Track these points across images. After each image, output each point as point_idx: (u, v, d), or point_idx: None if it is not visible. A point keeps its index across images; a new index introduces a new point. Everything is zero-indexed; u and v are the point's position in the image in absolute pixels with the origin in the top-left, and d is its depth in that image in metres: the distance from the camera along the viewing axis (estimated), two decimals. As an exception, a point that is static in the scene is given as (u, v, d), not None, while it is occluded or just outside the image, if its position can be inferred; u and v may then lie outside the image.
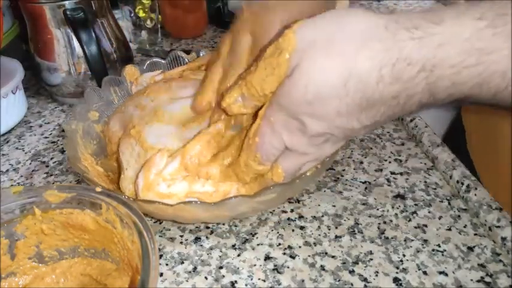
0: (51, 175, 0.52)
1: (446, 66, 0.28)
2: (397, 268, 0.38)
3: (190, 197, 0.39)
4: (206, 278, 0.38)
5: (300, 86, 0.31)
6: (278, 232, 0.42)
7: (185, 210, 0.37)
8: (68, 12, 0.58)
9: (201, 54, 0.59)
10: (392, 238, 0.41)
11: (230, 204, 0.37)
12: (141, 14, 0.81)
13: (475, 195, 0.44)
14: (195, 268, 0.39)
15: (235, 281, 0.38)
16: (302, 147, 0.35)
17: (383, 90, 0.30)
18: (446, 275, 0.38)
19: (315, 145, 0.34)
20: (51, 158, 0.55)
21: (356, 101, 0.30)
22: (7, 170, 0.54)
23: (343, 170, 0.50)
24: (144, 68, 0.58)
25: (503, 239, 0.40)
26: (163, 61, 0.58)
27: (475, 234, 0.41)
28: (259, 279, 0.38)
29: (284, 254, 0.40)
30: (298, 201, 0.46)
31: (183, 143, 0.41)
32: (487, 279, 0.37)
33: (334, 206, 0.45)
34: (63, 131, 0.45)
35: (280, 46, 0.31)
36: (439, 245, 0.40)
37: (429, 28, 0.29)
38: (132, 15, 0.82)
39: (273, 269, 0.39)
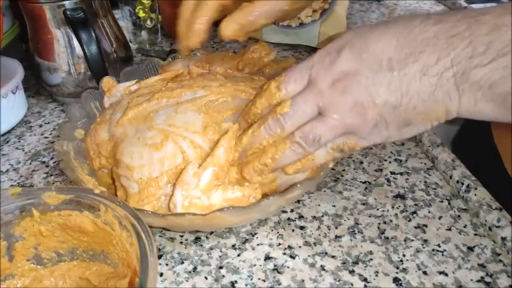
0: (51, 175, 0.52)
1: None
2: (397, 268, 0.38)
3: (225, 204, 0.38)
4: (206, 278, 0.38)
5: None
6: (278, 232, 0.42)
7: (217, 218, 0.36)
8: (68, 12, 0.58)
9: (197, 55, 0.59)
10: (392, 238, 0.41)
11: (262, 205, 0.37)
12: (141, 14, 0.81)
13: (475, 195, 0.44)
14: (195, 268, 0.39)
15: (235, 281, 0.38)
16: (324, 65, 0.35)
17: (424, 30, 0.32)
18: (446, 275, 0.37)
19: (331, 77, 0.34)
20: (51, 158, 0.55)
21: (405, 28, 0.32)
22: (7, 170, 0.54)
23: (343, 170, 0.50)
24: (144, 67, 0.58)
25: (503, 239, 0.39)
26: (162, 61, 0.58)
27: (475, 234, 0.41)
28: (259, 279, 0.38)
29: (284, 254, 0.40)
30: (298, 201, 0.46)
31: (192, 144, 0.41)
32: (487, 279, 0.37)
33: (334, 206, 0.45)
34: (63, 131, 0.45)
35: None
36: (439, 245, 0.40)
37: None
38: (132, 15, 0.82)
39: (273, 269, 0.39)
